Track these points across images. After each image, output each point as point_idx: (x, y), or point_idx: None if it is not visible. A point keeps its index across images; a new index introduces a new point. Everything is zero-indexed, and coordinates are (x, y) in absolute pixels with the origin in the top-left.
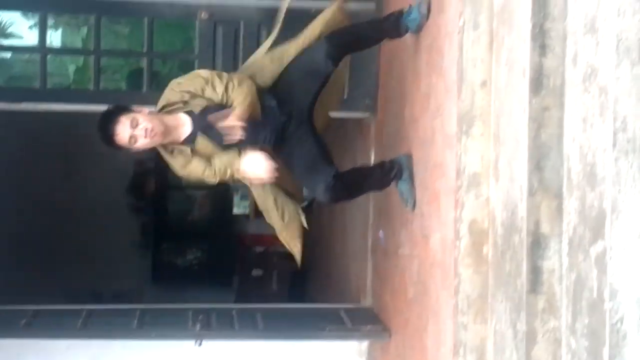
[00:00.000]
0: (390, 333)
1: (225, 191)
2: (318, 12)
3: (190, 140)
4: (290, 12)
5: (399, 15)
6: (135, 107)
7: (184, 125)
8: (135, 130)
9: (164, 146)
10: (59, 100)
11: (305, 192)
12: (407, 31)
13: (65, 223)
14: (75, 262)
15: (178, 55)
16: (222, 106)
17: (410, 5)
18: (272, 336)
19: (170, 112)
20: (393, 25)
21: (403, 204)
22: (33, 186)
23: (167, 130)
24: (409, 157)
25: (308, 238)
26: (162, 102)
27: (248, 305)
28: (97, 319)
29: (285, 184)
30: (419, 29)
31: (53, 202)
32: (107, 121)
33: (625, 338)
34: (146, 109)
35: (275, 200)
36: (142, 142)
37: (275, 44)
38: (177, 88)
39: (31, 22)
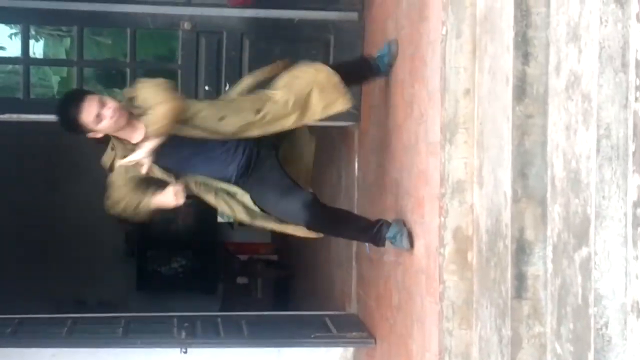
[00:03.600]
0: (376, 339)
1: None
2: (301, 22)
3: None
4: (275, 21)
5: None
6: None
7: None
8: (103, 109)
9: (118, 139)
10: (42, 111)
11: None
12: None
13: (50, 232)
14: (59, 270)
15: (161, 66)
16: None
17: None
18: (257, 343)
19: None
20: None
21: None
22: (17, 196)
23: (128, 122)
24: (400, 220)
25: (292, 245)
26: (131, 93)
27: (233, 313)
28: (83, 327)
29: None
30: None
31: (37, 211)
32: (72, 99)
33: (610, 343)
34: None
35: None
36: (106, 124)
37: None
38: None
39: (13, 31)
